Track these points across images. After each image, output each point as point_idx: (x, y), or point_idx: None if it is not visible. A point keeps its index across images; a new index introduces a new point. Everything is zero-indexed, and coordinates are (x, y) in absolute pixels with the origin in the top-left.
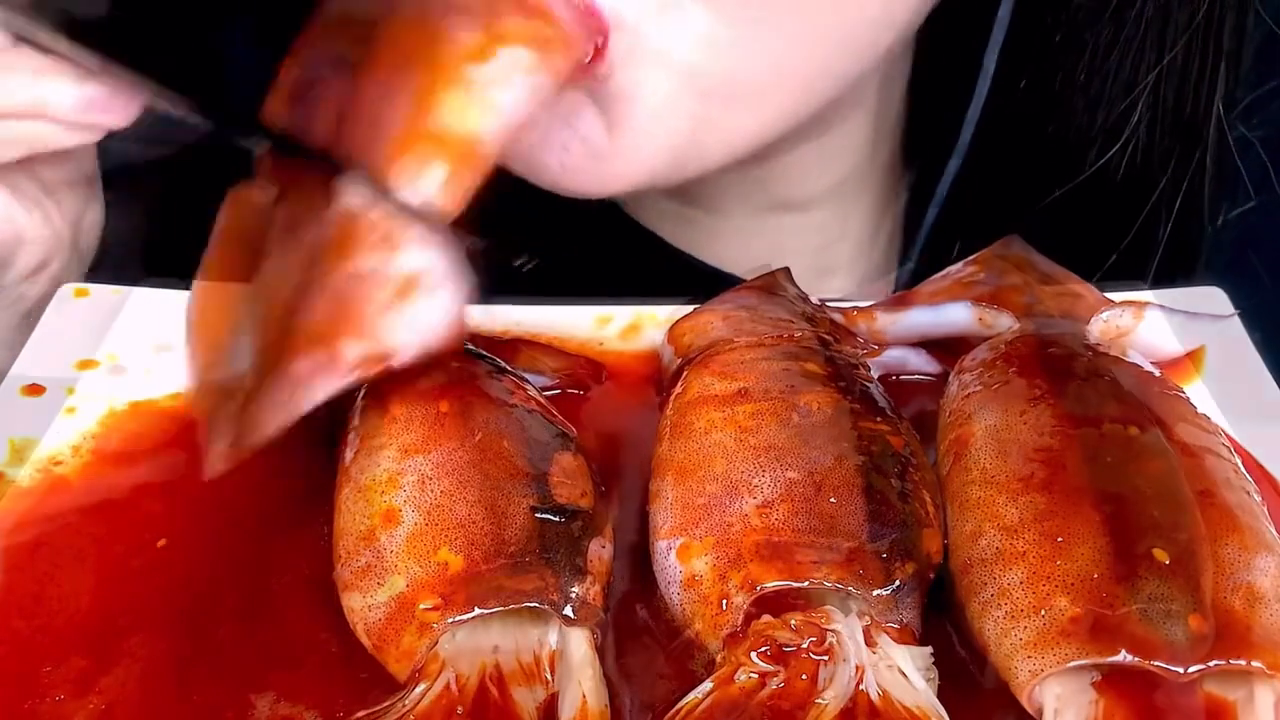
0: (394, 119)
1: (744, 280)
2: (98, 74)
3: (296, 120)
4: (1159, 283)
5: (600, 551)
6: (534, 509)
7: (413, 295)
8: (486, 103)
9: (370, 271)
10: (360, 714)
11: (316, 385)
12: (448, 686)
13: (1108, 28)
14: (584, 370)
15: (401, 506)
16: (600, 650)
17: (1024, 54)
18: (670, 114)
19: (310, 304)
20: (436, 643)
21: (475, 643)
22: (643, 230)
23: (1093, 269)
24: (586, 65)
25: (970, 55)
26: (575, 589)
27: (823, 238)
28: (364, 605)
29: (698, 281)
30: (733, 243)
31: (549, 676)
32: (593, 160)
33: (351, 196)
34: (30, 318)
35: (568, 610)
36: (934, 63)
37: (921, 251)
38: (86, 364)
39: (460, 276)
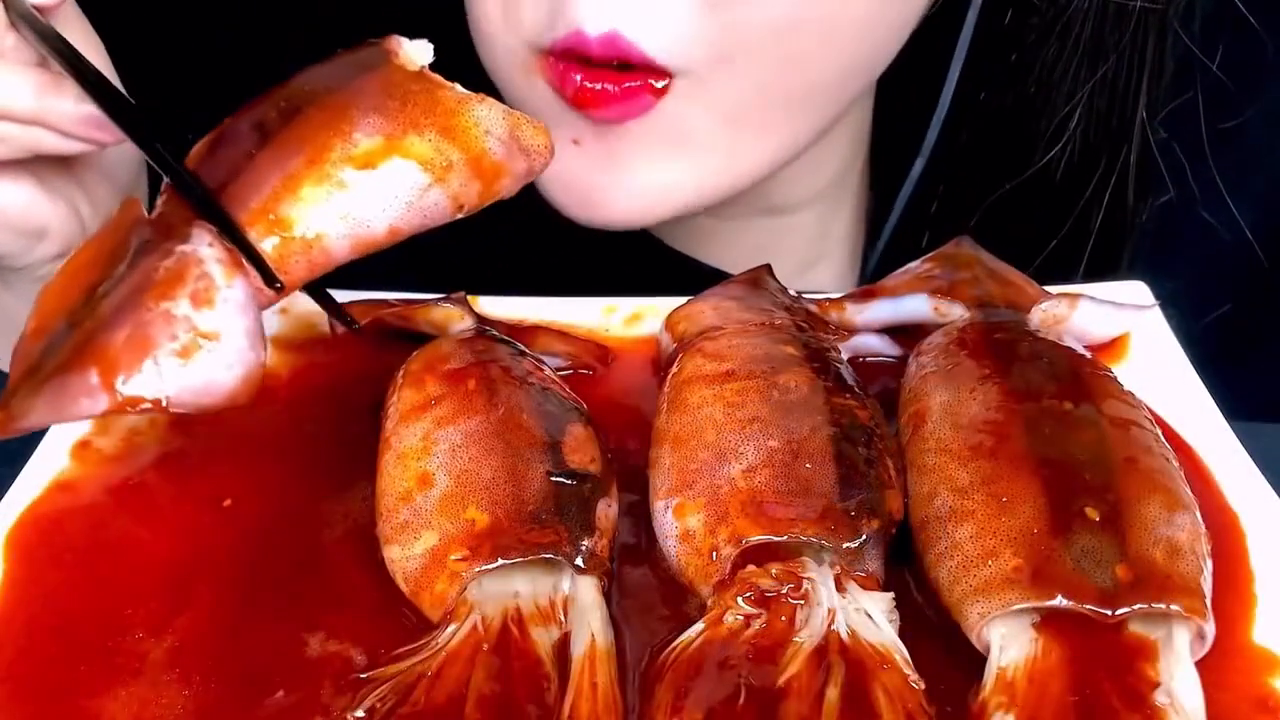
0: (261, 191)
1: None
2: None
3: (203, 164)
4: (1092, 265)
5: (607, 510)
6: (550, 473)
7: (203, 353)
8: (344, 210)
9: (177, 315)
10: (399, 650)
11: (84, 404)
12: (474, 627)
13: (1053, 46)
14: (593, 353)
15: (435, 470)
16: (607, 595)
17: (985, 70)
18: (716, 145)
19: (116, 325)
20: (465, 589)
21: (499, 589)
22: (646, 234)
23: (1035, 255)
24: (645, 108)
25: (934, 73)
26: (585, 542)
27: (806, 237)
28: (402, 556)
29: (693, 279)
30: (729, 243)
31: (563, 618)
32: (643, 197)
33: (196, 242)
34: None
35: (579, 561)
36: (901, 79)
37: (887, 244)
38: None
39: (257, 349)
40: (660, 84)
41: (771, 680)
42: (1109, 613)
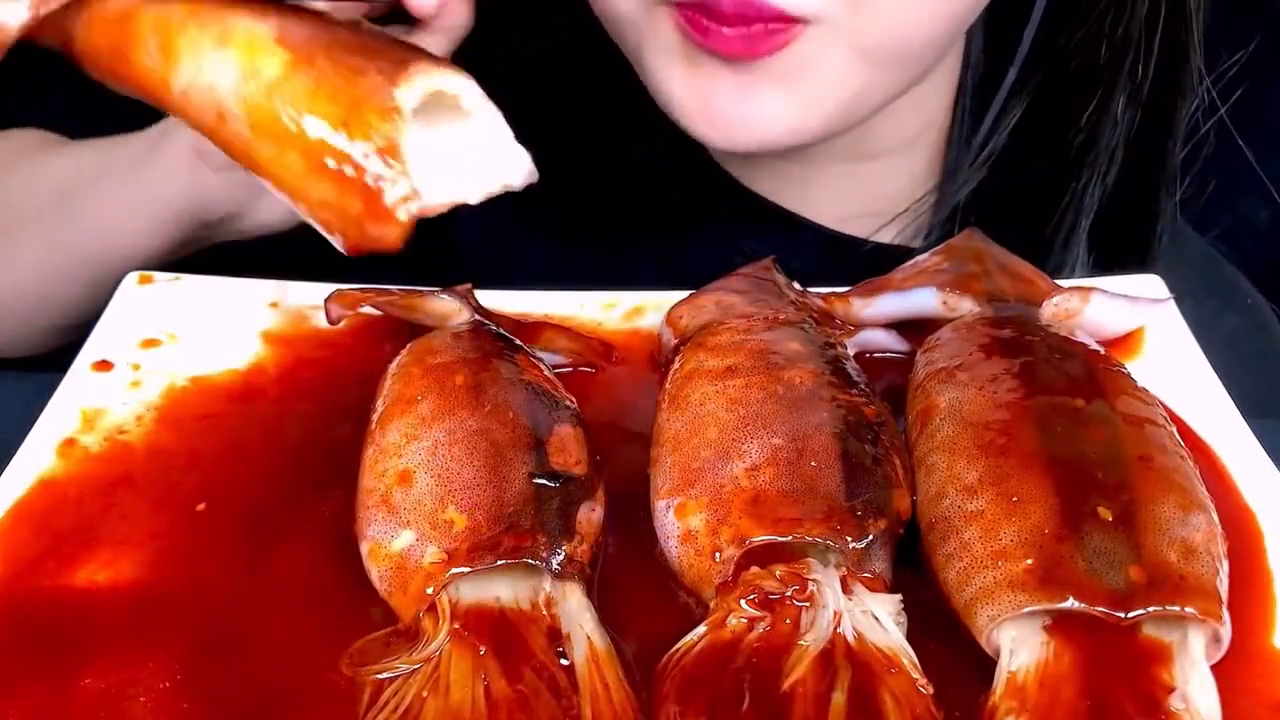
0: None
1: (818, 226)
2: None
3: None
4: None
5: (589, 514)
6: (531, 475)
7: None
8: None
9: None
10: (385, 662)
11: None
12: (457, 635)
13: None
14: (597, 351)
15: (415, 469)
16: (604, 598)
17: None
18: (843, 83)
19: None
20: (441, 591)
21: (476, 592)
22: (727, 176)
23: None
24: (775, 48)
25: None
26: (564, 547)
27: (895, 184)
28: (378, 555)
29: (775, 221)
30: (814, 190)
31: (549, 619)
32: (768, 123)
33: None
34: None
35: (555, 566)
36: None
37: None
38: (149, 343)
39: None
40: (792, 29)
41: (776, 685)
42: (1122, 615)
